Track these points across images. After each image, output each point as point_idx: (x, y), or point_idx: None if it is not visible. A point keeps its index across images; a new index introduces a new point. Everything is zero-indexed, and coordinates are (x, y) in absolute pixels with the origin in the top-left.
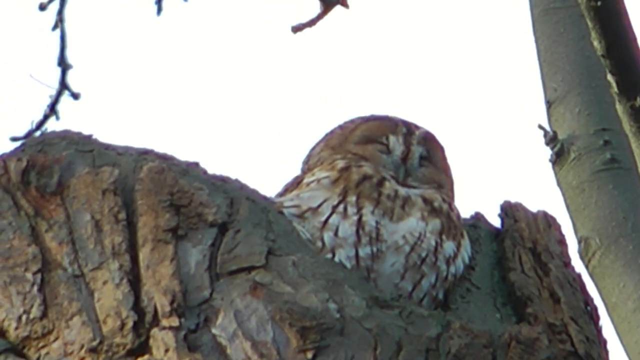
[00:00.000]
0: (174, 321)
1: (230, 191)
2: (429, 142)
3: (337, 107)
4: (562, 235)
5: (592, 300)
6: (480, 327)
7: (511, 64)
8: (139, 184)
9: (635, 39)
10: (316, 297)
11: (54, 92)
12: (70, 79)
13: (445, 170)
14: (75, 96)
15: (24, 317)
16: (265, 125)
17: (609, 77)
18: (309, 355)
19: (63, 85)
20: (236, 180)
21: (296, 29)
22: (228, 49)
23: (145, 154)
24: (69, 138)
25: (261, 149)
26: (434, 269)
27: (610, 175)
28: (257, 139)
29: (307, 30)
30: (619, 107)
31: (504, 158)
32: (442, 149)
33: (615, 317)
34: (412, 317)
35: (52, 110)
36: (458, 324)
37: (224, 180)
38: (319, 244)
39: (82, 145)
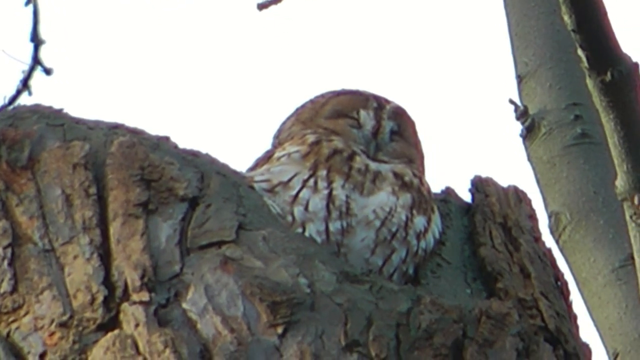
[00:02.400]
0: (144, 296)
1: (201, 165)
2: (400, 117)
3: (306, 82)
4: (533, 210)
5: (562, 275)
6: (451, 302)
7: (482, 38)
8: (109, 158)
9: (605, 14)
10: (286, 271)
11: (26, 68)
12: (43, 54)
13: (416, 144)
14: (48, 71)
15: None
16: (234, 100)
17: (579, 51)
18: (279, 330)
19: (35, 61)
20: (207, 154)
21: (262, 6)
22: (197, 24)
23: (116, 128)
24: (39, 112)
25: (231, 123)
26: (404, 244)
27: (580, 150)
28: (227, 113)
29: (272, 7)
30: (589, 82)
31: (474, 133)
32: (412, 124)
33: (585, 292)
34: (383, 292)
35: (24, 85)
36: (428, 299)
37: (194, 154)
38: (290, 218)
39: (53, 120)
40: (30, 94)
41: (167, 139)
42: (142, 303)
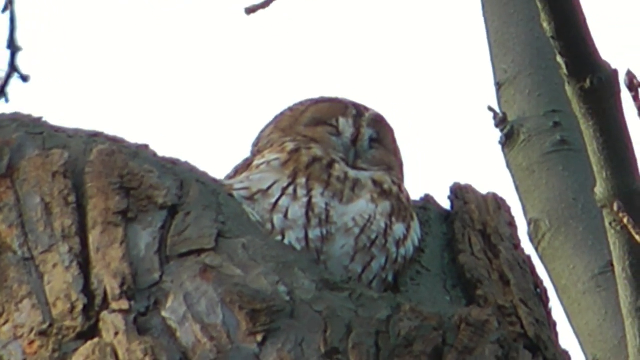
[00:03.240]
0: (124, 304)
1: (180, 173)
2: (379, 124)
3: (287, 89)
4: (512, 217)
5: (541, 282)
6: (430, 310)
7: (461, 45)
8: (89, 166)
9: (584, 20)
10: (266, 279)
11: (3, 75)
12: (20, 61)
13: (395, 152)
14: (25, 79)
15: None
16: (214, 108)
17: (559, 58)
18: (259, 338)
19: (12, 68)
20: (186, 162)
21: (250, 10)
22: (180, 29)
23: (95, 137)
24: (19, 120)
25: (210, 132)
26: (383, 251)
27: (560, 157)
28: (207, 121)
29: (260, 11)
30: (568, 89)
31: (453, 140)
32: (392, 131)
33: (565, 299)
34: (362, 300)
35: (1, 92)
36: (408, 306)
37: (174, 162)
38: (269, 226)
39: (33, 128)
40: (7, 101)
41: (146, 147)
42: (122, 311)
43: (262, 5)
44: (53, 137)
